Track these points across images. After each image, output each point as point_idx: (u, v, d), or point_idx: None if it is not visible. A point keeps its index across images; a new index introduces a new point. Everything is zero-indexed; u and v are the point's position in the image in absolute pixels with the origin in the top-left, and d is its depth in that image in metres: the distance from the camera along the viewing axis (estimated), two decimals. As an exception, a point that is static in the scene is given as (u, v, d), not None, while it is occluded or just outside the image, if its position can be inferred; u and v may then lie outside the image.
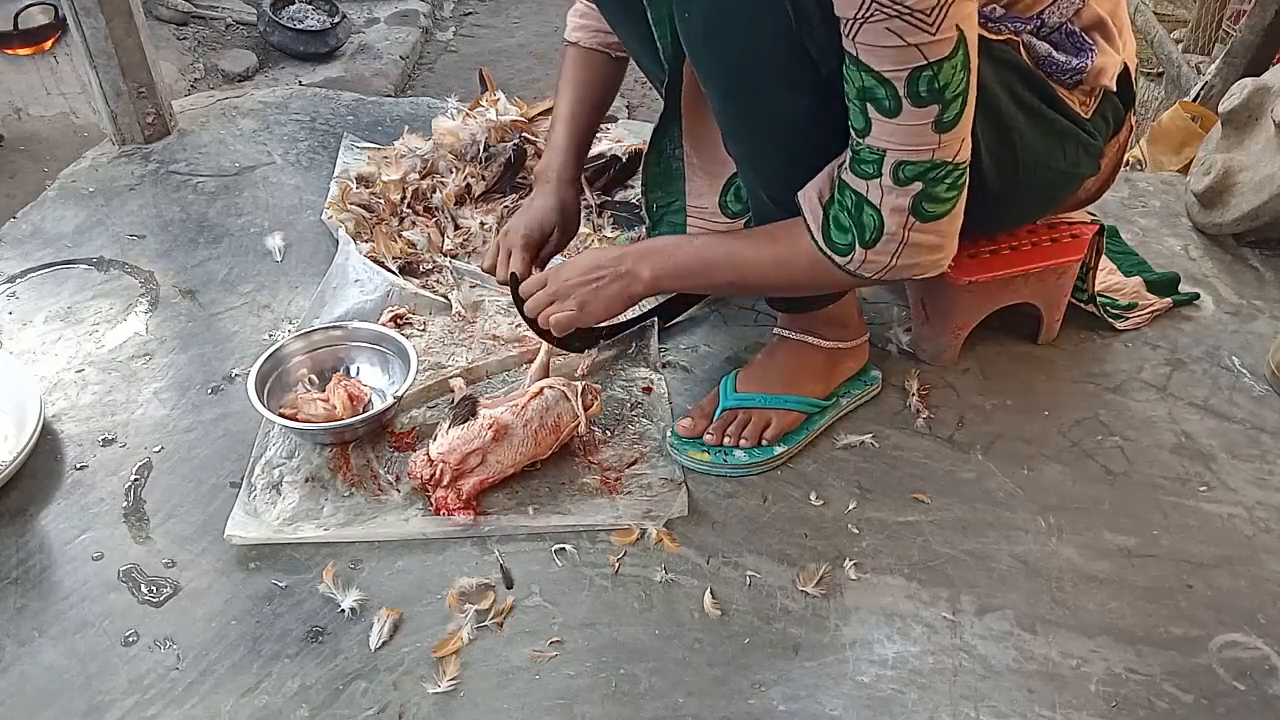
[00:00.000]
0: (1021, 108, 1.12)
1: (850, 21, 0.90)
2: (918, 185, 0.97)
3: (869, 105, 0.94)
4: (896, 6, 0.87)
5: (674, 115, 1.23)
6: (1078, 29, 1.17)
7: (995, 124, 1.09)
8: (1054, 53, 1.14)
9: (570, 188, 1.39)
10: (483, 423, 1.16)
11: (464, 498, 1.15)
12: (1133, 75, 1.24)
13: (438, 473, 1.15)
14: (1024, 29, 1.13)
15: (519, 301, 1.28)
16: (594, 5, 1.29)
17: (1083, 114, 1.18)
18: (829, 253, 1.04)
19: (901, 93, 0.92)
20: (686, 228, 1.34)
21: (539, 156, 1.74)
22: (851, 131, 0.98)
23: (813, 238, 1.05)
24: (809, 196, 1.05)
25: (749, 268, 1.13)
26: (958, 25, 0.89)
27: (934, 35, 0.88)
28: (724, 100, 1.06)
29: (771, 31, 0.96)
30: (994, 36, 1.09)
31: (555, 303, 1.19)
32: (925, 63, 0.90)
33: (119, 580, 1.09)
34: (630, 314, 1.43)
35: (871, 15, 0.88)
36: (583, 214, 1.54)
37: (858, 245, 1.02)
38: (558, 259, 1.41)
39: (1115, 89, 1.21)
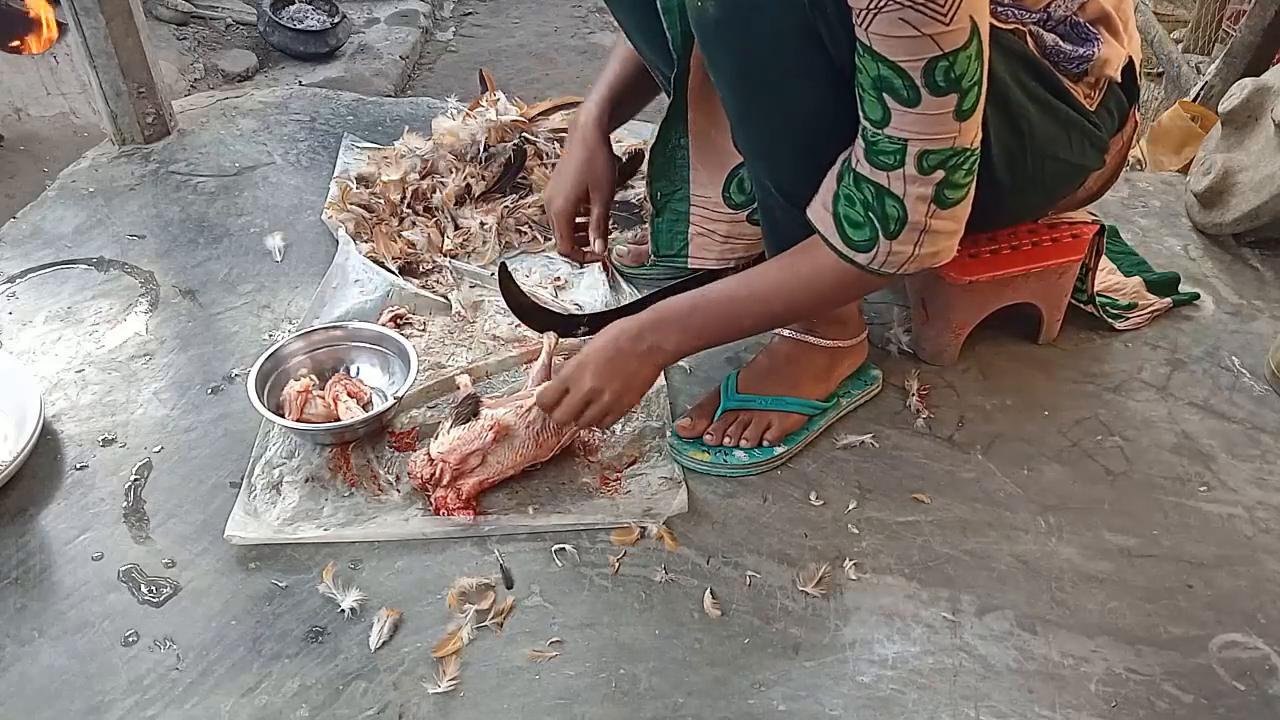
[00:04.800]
0: (1030, 98, 1.12)
1: (863, 12, 0.90)
2: (940, 173, 0.97)
3: (886, 95, 0.94)
4: None
5: (681, 106, 1.23)
6: (1083, 21, 1.17)
7: (1005, 114, 1.09)
8: (1060, 42, 1.14)
9: (595, 132, 1.36)
10: (484, 423, 1.16)
11: (464, 498, 1.15)
12: (1137, 70, 1.24)
13: (437, 472, 1.15)
14: (1029, 19, 1.13)
15: (509, 295, 1.29)
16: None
17: (1087, 105, 1.18)
18: (851, 254, 1.03)
19: (919, 82, 0.91)
20: (690, 216, 1.34)
21: (539, 157, 1.74)
22: (866, 123, 0.97)
23: (831, 247, 1.04)
24: (815, 209, 1.05)
25: (778, 303, 1.11)
26: (971, 15, 0.89)
27: (948, 25, 0.88)
28: (734, 89, 1.05)
29: (786, 19, 0.95)
30: (1002, 26, 1.09)
31: (590, 405, 1.12)
32: (941, 53, 0.90)
33: (119, 580, 1.09)
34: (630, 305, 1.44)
35: (884, 6, 0.88)
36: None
37: (881, 238, 1.01)
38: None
39: (1120, 80, 1.21)
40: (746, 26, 0.97)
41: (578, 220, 1.41)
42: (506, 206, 1.67)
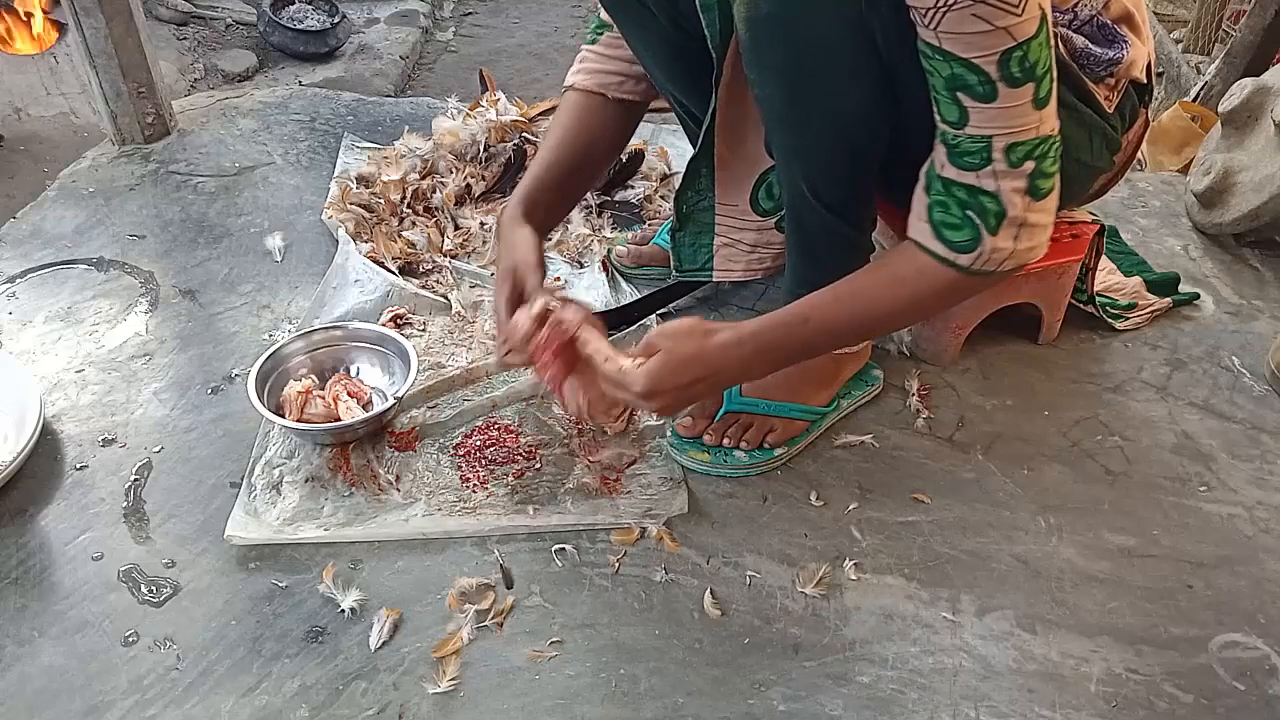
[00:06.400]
0: (1059, 101, 1.11)
1: (930, 11, 0.88)
2: (1030, 164, 0.95)
3: (960, 94, 0.92)
4: None
5: (714, 111, 1.21)
6: (1108, 21, 1.17)
7: None
8: (1090, 45, 1.14)
9: (521, 227, 1.19)
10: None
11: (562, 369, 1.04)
12: (1151, 69, 1.24)
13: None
14: (1060, 19, 1.12)
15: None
16: (600, 47, 1.26)
17: (1107, 107, 1.18)
18: (954, 257, 1.00)
19: (995, 76, 0.90)
20: (715, 226, 1.33)
21: (539, 157, 1.74)
22: (944, 126, 0.96)
23: (934, 255, 1.01)
24: (913, 224, 1.03)
25: (878, 319, 1.08)
26: (1039, 2, 0.88)
27: (1020, 16, 0.87)
28: (779, 87, 1.03)
29: (839, 16, 0.94)
30: None
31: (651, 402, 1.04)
32: (1015, 43, 0.88)
33: (119, 580, 1.09)
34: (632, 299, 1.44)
35: (954, 3, 0.87)
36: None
37: (985, 234, 0.98)
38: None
39: (1144, 80, 1.21)
40: (800, 23, 0.96)
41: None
42: (506, 207, 1.66)
